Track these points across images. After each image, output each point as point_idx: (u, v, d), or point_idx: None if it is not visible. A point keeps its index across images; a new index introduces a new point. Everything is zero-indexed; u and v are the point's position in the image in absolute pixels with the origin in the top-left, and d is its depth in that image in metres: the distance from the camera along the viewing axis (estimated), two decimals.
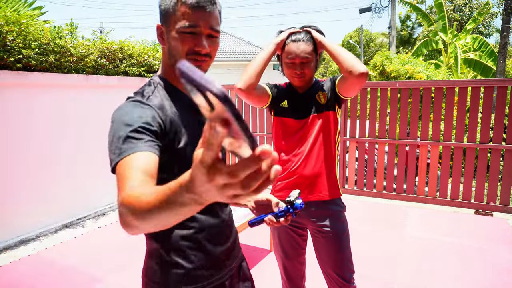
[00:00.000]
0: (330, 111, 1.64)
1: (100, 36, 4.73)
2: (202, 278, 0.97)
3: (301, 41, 1.54)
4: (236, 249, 1.12)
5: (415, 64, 7.65)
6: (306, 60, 1.54)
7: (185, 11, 0.89)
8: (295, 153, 1.64)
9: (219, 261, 1.02)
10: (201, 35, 0.91)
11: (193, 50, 0.91)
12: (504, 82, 3.92)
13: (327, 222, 1.61)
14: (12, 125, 3.40)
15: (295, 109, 1.65)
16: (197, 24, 0.90)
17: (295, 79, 1.59)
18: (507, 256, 3.02)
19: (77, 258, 3.09)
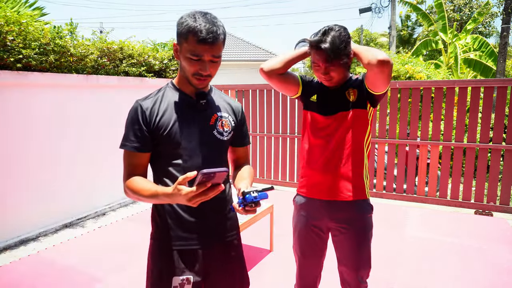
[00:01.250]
0: (359, 108, 1.58)
1: (100, 36, 4.73)
2: (174, 238, 1.24)
3: None
4: (219, 228, 1.30)
5: (415, 64, 7.66)
6: (328, 64, 1.50)
7: (194, 43, 1.13)
8: (319, 150, 1.62)
9: (192, 231, 1.24)
10: (204, 61, 1.16)
11: (198, 72, 1.18)
12: (504, 82, 3.92)
13: (348, 222, 1.59)
14: (12, 125, 3.40)
15: (323, 105, 1.63)
16: (201, 54, 1.14)
17: (323, 81, 1.58)
18: (507, 256, 3.02)
19: (77, 258, 3.09)
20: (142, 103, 1.24)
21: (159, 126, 1.21)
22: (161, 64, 5.13)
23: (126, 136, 1.24)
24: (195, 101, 1.27)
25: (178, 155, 1.22)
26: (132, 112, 1.24)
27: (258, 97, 5.33)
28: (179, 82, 1.29)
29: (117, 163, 4.44)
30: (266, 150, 5.40)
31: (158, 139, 1.22)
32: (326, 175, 1.60)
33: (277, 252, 3.15)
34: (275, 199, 4.64)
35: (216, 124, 1.29)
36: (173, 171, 1.23)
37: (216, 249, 1.29)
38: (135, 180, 1.20)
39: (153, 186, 1.15)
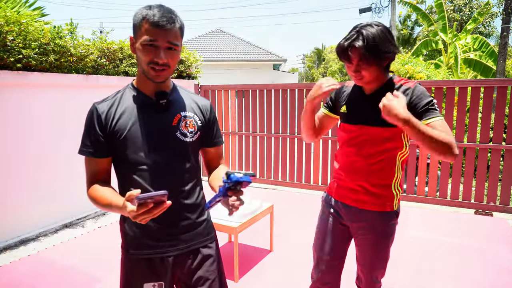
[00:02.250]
0: (394, 127, 1.42)
1: (100, 36, 4.73)
2: (142, 246, 1.21)
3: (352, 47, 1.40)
4: (188, 234, 1.25)
5: (415, 64, 7.65)
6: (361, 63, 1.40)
7: (147, 28, 1.08)
8: (348, 158, 1.58)
9: (159, 237, 1.21)
10: (159, 48, 1.10)
11: (152, 61, 1.11)
12: (504, 82, 3.92)
13: (370, 227, 1.57)
14: (12, 125, 3.40)
15: (354, 114, 1.55)
16: (156, 39, 1.08)
17: (353, 79, 1.49)
18: (507, 256, 3.02)
19: (77, 258, 3.09)
20: (98, 106, 1.19)
21: (115, 131, 1.15)
22: None
23: (82, 141, 1.19)
24: (154, 101, 1.19)
25: (138, 160, 1.17)
26: (88, 116, 1.19)
27: (258, 97, 5.33)
28: (138, 82, 1.22)
29: None
30: (266, 150, 5.40)
31: (115, 144, 1.17)
32: (353, 183, 1.57)
33: (277, 252, 3.15)
34: (275, 199, 4.65)
35: (179, 124, 1.21)
36: (135, 177, 1.17)
37: (187, 256, 1.25)
38: (95, 188, 1.17)
39: (109, 195, 1.11)
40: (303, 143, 5.10)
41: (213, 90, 5.68)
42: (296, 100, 5.05)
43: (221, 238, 3.30)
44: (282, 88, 5.15)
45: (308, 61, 40.97)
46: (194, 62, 5.72)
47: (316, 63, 39.39)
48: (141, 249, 1.21)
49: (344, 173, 1.60)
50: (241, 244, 3.19)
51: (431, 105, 1.39)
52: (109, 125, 1.16)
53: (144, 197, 0.92)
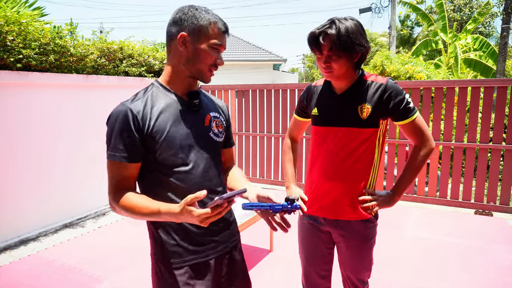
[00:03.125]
0: (370, 128, 1.43)
1: (100, 36, 4.73)
2: (184, 254, 1.16)
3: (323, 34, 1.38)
4: (225, 234, 1.25)
5: (415, 64, 7.65)
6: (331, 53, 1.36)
7: (217, 32, 1.13)
8: (317, 165, 1.54)
9: (201, 241, 1.18)
10: (220, 52, 1.16)
11: (215, 63, 1.15)
12: (504, 82, 3.92)
13: (355, 233, 1.53)
14: (12, 125, 3.40)
15: (324, 115, 1.51)
16: (222, 44, 1.15)
17: (323, 72, 1.44)
18: (507, 256, 3.01)
19: (77, 258, 3.09)
20: (131, 106, 1.09)
21: (155, 132, 1.09)
22: (161, 64, 5.13)
23: (113, 145, 1.09)
24: (188, 101, 1.18)
25: (178, 162, 1.12)
26: (120, 117, 1.08)
27: (258, 97, 5.33)
28: (169, 81, 1.18)
29: None
30: (266, 150, 5.40)
31: (153, 146, 1.10)
32: (320, 193, 1.53)
33: (277, 252, 3.15)
34: (275, 199, 4.65)
35: (211, 125, 1.22)
36: (173, 181, 1.12)
37: (225, 256, 1.25)
38: (128, 196, 1.08)
39: (153, 203, 1.05)
40: (303, 143, 5.10)
41: (213, 90, 5.68)
42: (296, 100, 5.04)
43: None
44: (282, 88, 5.15)
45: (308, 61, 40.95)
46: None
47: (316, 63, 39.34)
48: (184, 256, 1.16)
49: (318, 180, 1.54)
50: (241, 244, 3.18)
51: (406, 103, 1.43)
52: (147, 126, 1.09)
53: (229, 196, 0.91)
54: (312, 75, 38.77)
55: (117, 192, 1.10)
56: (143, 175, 1.16)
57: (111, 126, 1.10)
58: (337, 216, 1.52)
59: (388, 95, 1.42)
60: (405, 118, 1.44)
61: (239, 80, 15.51)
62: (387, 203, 1.53)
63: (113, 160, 1.09)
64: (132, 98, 1.14)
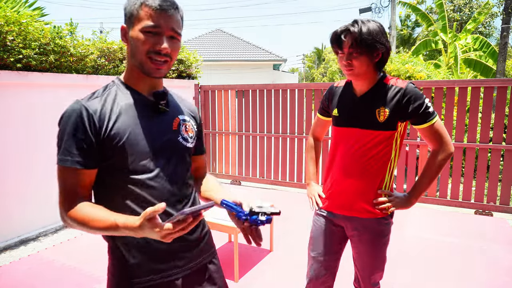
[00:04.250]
0: (388, 130, 1.47)
1: (100, 36, 4.73)
2: (146, 273, 1.03)
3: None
4: (196, 250, 1.12)
5: (415, 64, 7.65)
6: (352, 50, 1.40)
7: (148, 12, 0.95)
8: (335, 164, 1.59)
9: (166, 259, 1.05)
10: (162, 35, 0.97)
11: (153, 49, 0.97)
12: (504, 82, 3.92)
13: (363, 229, 1.56)
14: (12, 125, 3.40)
15: (345, 117, 1.55)
16: (158, 24, 0.96)
17: (344, 70, 1.47)
18: (507, 256, 3.01)
19: (77, 258, 3.09)
20: (87, 104, 0.97)
21: (113, 135, 0.96)
22: None
23: (65, 148, 0.95)
24: (153, 102, 1.05)
25: (139, 169, 0.99)
26: (73, 116, 0.96)
27: (258, 97, 5.33)
28: (129, 79, 1.05)
29: None
30: (266, 150, 5.40)
31: (112, 151, 0.97)
32: (345, 189, 1.56)
33: (277, 252, 3.15)
34: (275, 199, 4.65)
35: (179, 129, 1.09)
36: (134, 189, 0.99)
37: (196, 273, 1.12)
38: (82, 207, 0.94)
39: (110, 215, 0.91)
40: (303, 143, 5.10)
41: (213, 90, 5.68)
42: (296, 100, 5.05)
43: (221, 238, 3.30)
44: (282, 88, 5.15)
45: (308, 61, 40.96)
46: (194, 62, 5.72)
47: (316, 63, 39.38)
48: (146, 275, 1.02)
49: (335, 177, 1.59)
50: (241, 244, 3.18)
51: (425, 108, 1.44)
52: (105, 128, 0.96)
53: (192, 211, 0.80)
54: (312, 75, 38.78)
55: (69, 203, 0.95)
56: (99, 182, 1.01)
57: (63, 126, 0.97)
58: (352, 213, 1.56)
59: (407, 99, 1.44)
60: (424, 122, 1.46)
61: (239, 80, 15.51)
62: (403, 204, 1.54)
63: (64, 165, 0.95)
64: (89, 96, 1.01)
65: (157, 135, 1.03)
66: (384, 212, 1.54)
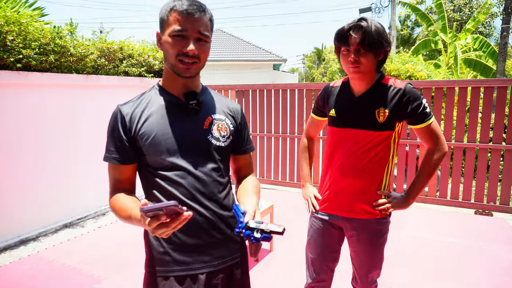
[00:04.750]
0: (387, 131, 1.47)
1: (100, 36, 4.73)
2: (171, 263, 1.09)
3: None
4: (222, 249, 1.15)
5: (416, 63, 7.66)
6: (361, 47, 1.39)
7: (176, 17, 1.01)
8: (333, 165, 1.57)
9: (192, 252, 1.10)
10: (189, 39, 1.02)
11: (182, 52, 1.03)
12: (504, 82, 3.92)
13: (361, 228, 1.56)
14: (12, 125, 3.40)
15: (343, 117, 1.53)
16: (185, 28, 1.01)
17: (350, 69, 1.44)
18: (507, 256, 3.01)
19: (77, 258, 3.09)
20: (122, 108, 1.09)
21: (141, 134, 1.06)
22: (161, 64, 5.13)
23: (107, 146, 1.10)
24: (184, 103, 1.10)
25: (167, 166, 1.07)
26: (112, 119, 1.09)
27: (258, 97, 5.33)
28: (165, 82, 1.14)
29: None
30: (266, 150, 5.40)
31: (142, 149, 1.07)
32: (343, 189, 1.55)
33: (277, 252, 3.15)
34: (275, 199, 4.65)
35: (210, 128, 1.12)
36: (164, 185, 1.07)
37: (221, 272, 1.14)
38: (117, 197, 1.07)
39: (130, 206, 1.00)
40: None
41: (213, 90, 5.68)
42: (296, 100, 5.05)
43: None
44: (282, 88, 5.15)
45: (308, 61, 40.96)
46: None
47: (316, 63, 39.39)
48: (170, 265, 1.09)
49: (333, 178, 1.58)
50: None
51: (423, 108, 1.46)
52: (134, 128, 1.07)
53: (148, 209, 0.81)
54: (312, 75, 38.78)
55: (111, 193, 1.10)
56: (142, 177, 1.14)
57: (107, 128, 1.11)
58: (351, 214, 1.56)
59: (406, 100, 1.45)
60: (422, 122, 1.48)
61: (239, 80, 15.51)
62: (402, 205, 1.56)
63: (106, 161, 1.10)
64: (128, 101, 1.13)
65: (186, 133, 1.09)
66: (383, 213, 1.54)
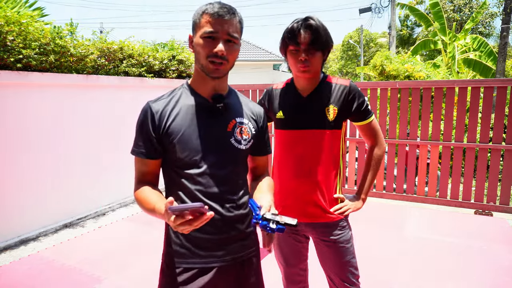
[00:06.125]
0: (336, 129, 1.48)
1: (100, 36, 4.73)
2: (188, 256, 1.14)
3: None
4: (236, 245, 1.18)
5: (415, 64, 7.65)
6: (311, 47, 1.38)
7: (208, 20, 1.06)
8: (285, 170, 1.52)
9: (207, 247, 1.14)
10: (219, 40, 1.07)
11: (212, 53, 1.06)
12: (504, 82, 3.92)
13: (329, 235, 1.52)
14: (12, 125, 3.40)
15: (293, 118, 1.50)
16: (216, 30, 1.06)
17: (299, 69, 1.42)
18: (507, 256, 3.01)
19: (77, 258, 3.09)
20: (153, 105, 1.13)
21: (170, 132, 1.10)
22: (161, 64, 5.13)
23: (135, 140, 1.15)
24: (211, 104, 1.15)
25: (190, 165, 1.11)
26: (142, 115, 1.14)
27: (258, 97, 5.33)
28: (195, 83, 1.18)
29: (117, 163, 4.45)
30: None
31: (168, 146, 1.12)
32: (294, 198, 1.51)
33: None
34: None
35: (234, 131, 1.16)
36: (185, 182, 1.11)
37: (233, 267, 1.18)
38: (143, 190, 1.12)
39: (154, 200, 1.05)
40: None
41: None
42: None
43: None
44: None
45: None
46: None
47: None
48: (185, 257, 1.14)
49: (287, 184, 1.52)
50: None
51: (366, 105, 1.52)
52: (163, 126, 1.11)
53: (176, 209, 0.86)
54: None
55: (137, 185, 1.15)
56: (164, 173, 1.19)
57: (136, 123, 1.15)
58: (310, 219, 1.51)
59: (352, 96, 1.48)
60: (365, 119, 1.53)
61: (239, 80, 15.50)
62: (357, 205, 1.58)
63: (133, 154, 1.16)
64: (158, 98, 1.17)
65: (210, 134, 1.13)
66: (340, 216, 1.53)
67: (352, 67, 32.27)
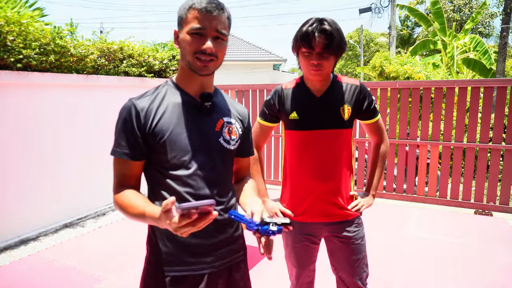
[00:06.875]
0: (350, 128, 1.50)
1: (100, 36, 4.73)
2: (176, 263, 1.08)
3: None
4: (225, 249, 1.14)
5: (414, 65, 7.66)
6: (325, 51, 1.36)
7: (195, 15, 1.01)
8: (301, 171, 1.52)
9: (197, 253, 1.09)
10: (207, 36, 1.02)
11: (199, 49, 1.02)
12: (504, 82, 3.92)
13: (345, 231, 1.54)
14: (12, 125, 3.40)
15: (308, 119, 1.48)
16: (203, 26, 1.01)
17: (311, 72, 1.41)
18: (507, 256, 3.02)
19: (77, 258, 3.09)
20: (137, 102, 1.05)
21: (156, 132, 1.04)
22: (161, 64, 5.13)
23: (116, 140, 1.07)
24: (199, 103, 1.09)
25: (177, 165, 1.05)
26: (125, 112, 1.05)
27: (258, 97, 5.33)
28: (181, 80, 1.12)
29: None
30: (266, 150, 5.40)
31: (154, 147, 1.05)
32: (315, 192, 1.51)
33: (277, 252, 3.14)
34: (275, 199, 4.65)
35: (222, 130, 1.12)
36: (173, 185, 1.05)
37: (222, 273, 1.14)
38: (125, 194, 1.04)
39: (142, 204, 0.98)
40: None
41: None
42: None
43: None
44: None
45: None
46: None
47: None
48: (176, 265, 1.07)
49: (304, 186, 1.52)
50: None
51: (374, 104, 1.56)
52: (149, 125, 1.04)
53: (188, 206, 0.80)
54: None
55: (116, 188, 1.07)
56: (148, 174, 1.12)
57: (117, 121, 1.07)
58: (329, 218, 1.53)
59: (363, 95, 1.51)
60: (373, 117, 1.56)
61: (239, 80, 15.51)
62: (369, 201, 1.64)
63: (115, 156, 1.07)
64: (141, 95, 1.10)
65: (198, 134, 1.08)
66: (357, 213, 1.57)
67: (352, 67, 32.28)
